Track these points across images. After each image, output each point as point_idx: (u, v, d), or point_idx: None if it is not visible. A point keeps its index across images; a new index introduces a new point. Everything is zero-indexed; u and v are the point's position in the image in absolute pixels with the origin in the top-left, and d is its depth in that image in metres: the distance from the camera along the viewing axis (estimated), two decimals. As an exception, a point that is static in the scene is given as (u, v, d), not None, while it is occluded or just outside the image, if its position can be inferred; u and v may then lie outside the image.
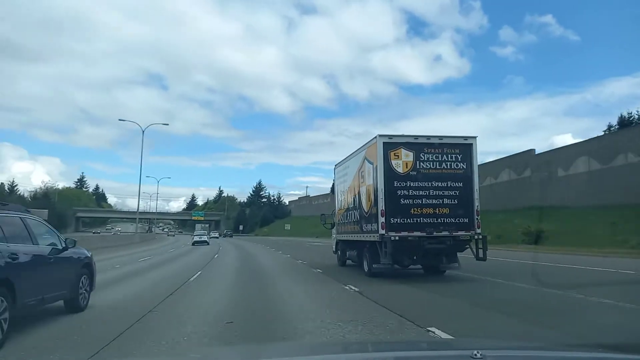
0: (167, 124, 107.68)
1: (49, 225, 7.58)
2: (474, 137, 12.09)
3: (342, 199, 15.60)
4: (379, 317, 7.06)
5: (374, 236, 11.86)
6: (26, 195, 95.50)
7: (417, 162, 11.66)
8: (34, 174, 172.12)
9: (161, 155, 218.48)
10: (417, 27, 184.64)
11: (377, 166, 11.73)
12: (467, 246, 11.90)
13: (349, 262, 15.77)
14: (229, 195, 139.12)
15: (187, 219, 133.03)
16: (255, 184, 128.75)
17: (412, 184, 11.59)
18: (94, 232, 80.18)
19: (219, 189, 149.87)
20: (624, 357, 2.01)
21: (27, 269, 6.07)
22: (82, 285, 7.68)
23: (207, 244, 41.31)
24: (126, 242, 42.10)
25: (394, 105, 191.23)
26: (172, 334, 5.97)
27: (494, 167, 45.76)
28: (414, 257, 12.19)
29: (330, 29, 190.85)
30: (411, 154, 11.68)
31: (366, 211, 12.61)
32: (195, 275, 13.88)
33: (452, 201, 11.65)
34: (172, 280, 12.46)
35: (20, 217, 6.59)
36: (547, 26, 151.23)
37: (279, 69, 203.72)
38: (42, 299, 6.46)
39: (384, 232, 11.32)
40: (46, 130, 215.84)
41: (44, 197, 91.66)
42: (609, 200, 30.97)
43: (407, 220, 11.46)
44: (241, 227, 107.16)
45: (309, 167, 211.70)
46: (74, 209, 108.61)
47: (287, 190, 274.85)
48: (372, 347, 3.08)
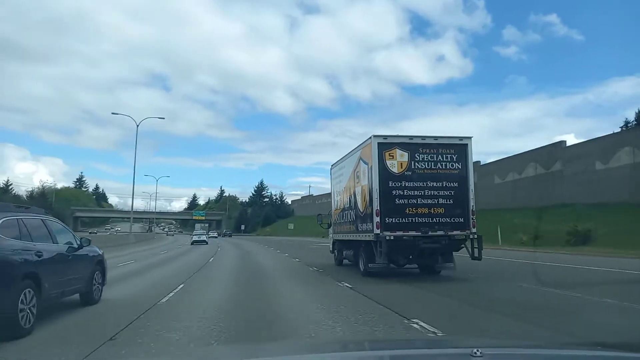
0: (162, 118, 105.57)
1: (65, 226, 8.32)
2: (469, 138, 12.15)
3: (338, 199, 15.68)
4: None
5: (369, 236, 11.93)
6: (22, 194, 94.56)
7: (412, 162, 11.72)
8: (36, 175, 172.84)
9: (165, 156, 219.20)
10: (420, 26, 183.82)
11: (372, 166, 11.80)
12: (463, 245, 11.97)
13: (345, 261, 15.85)
14: (231, 195, 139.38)
15: (188, 219, 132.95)
16: (257, 184, 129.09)
17: (407, 184, 11.65)
18: (91, 232, 79.47)
19: (220, 188, 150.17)
20: (624, 355, 2.00)
21: (50, 265, 6.69)
22: (95, 280, 8.34)
23: (206, 243, 42.98)
24: (119, 243, 39.37)
25: (397, 105, 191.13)
26: None
27: (518, 161, 42.46)
28: (410, 257, 12.28)
29: (333, 29, 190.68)
30: (406, 154, 11.74)
31: (361, 211, 12.68)
32: (177, 288, 10.44)
33: (447, 201, 11.71)
34: (142, 295, 9.55)
35: (41, 219, 7.24)
36: (552, 25, 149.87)
37: (282, 69, 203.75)
38: (62, 292, 7.08)
39: (379, 231, 11.39)
40: (49, 131, 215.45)
41: (41, 197, 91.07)
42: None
43: (402, 219, 11.53)
44: (243, 227, 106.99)
45: (312, 168, 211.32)
46: (72, 208, 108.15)
47: (290, 190, 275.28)
48: (370, 345, 3.09)
